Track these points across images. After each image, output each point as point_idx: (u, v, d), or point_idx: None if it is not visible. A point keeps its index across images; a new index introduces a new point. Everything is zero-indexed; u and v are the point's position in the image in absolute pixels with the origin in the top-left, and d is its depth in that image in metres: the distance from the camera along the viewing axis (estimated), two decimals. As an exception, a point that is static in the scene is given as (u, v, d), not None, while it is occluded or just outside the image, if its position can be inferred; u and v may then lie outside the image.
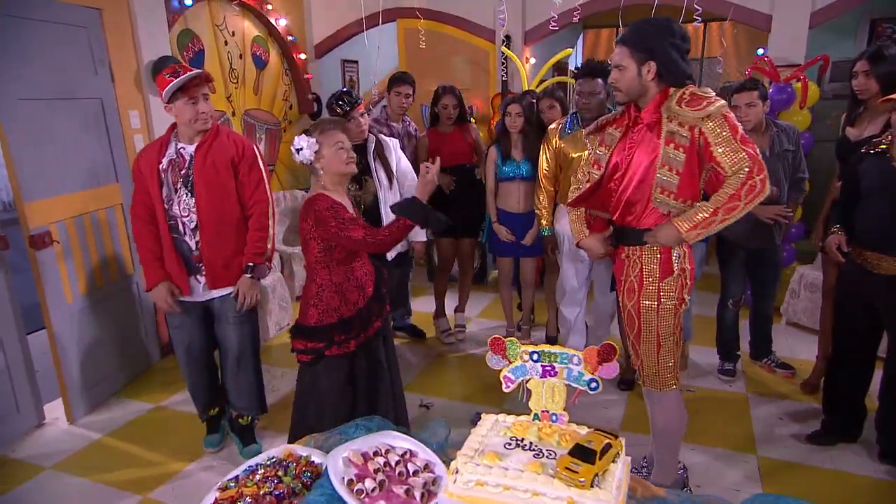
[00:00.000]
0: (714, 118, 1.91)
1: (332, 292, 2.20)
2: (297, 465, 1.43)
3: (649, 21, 2.03)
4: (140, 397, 3.38)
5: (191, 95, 2.34)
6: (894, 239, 2.44)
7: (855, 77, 2.79)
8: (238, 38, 4.95)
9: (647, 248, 2.06)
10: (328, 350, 2.20)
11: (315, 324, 2.20)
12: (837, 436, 2.76)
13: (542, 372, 1.21)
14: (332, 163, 2.19)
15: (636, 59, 1.98)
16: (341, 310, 2.21)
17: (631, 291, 2.10)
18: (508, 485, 1.09)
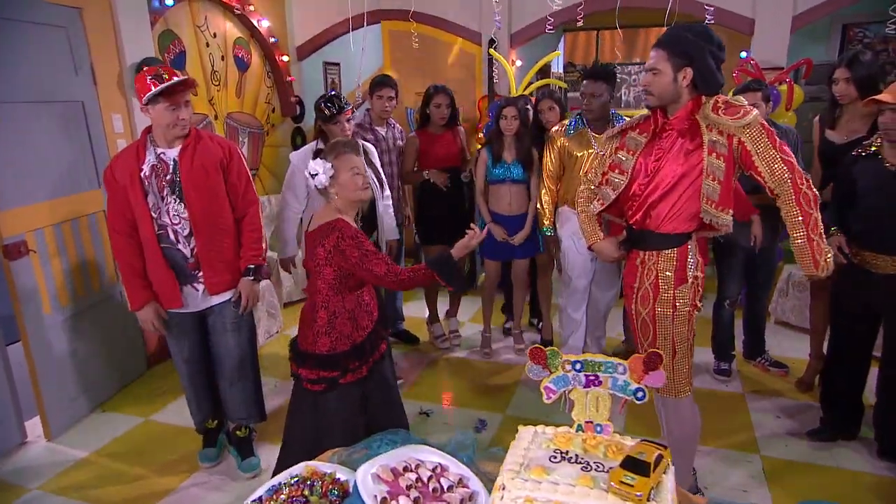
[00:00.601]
0: (753, 127, 1.92)
1: (346, 319, 2.11)
2: (322, 483, 1.38)
3: (688, 27, 2.01)
4: (126, 411, 3.26)
5: (173, 102, 2.24)
6: (891, 238, 2.48)
7: (835, 83, 2.86)
8: (220, 40, 4.84)
9: (664, 255, 2.05)
10: (343, 378, 2.11)
11: (328, 352, 2.10)
12: (837, 432, 2.81)
13: (585, 382, 1.18)
14: (347, 188, 2.10)
15: (673, 65, 1.95)
16: (353, 336, 2.12)
17: (645, 299, 2.09)
18: (560, 500, 1.05)
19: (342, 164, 2.08)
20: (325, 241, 2.04)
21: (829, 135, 2.97)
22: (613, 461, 1.13)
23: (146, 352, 3.70)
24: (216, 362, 2.57)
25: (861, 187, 2.57)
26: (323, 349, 2.10)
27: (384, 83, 3.72)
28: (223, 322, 2.49)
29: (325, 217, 2.11)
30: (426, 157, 3.68)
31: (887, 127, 2.42)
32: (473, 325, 4.32)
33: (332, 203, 2.12)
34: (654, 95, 2.02)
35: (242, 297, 2.47)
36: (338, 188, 2.09)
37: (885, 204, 2.48)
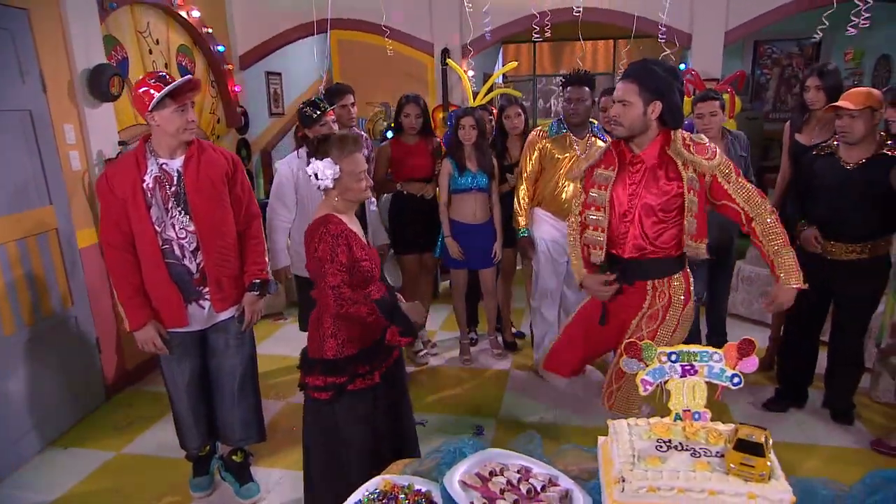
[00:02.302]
0: (724, 165, 2.08)
1: (353, 323, 2.01)
2: (407, 496, 1.34)
3: (657, 62, 2.10)
4: (92, 445, 3.00)
5: (181, 103, 2.12)
6: (846, 227, 2.75)
7: (807, 91, 3.13)
8: (163, 47, 4.59)
9: (677, 278, 2.14)
10: (351, 384, 2.01)
11: (334, 356, 2.00)
12: (790, 401, 3.15)
13: (681, 372, 1.23)
14: (351, 191, 2.03)
15: (643, 98, 2.01)
16: (363, 339, 2.04)
17: (653, 318, 2.15)
18: (683, 487, 1.09)
19: (348, 165, 1.99)
20: (315, 238, 1.95)
21: (798, 137, 3.24)
22: (717, 446, 1.18)
23: (104, 382, 3.41)
24: (217, 382, 2.42)
25: (820, 183, 2.83)
26: (329, 353, 2.00)
27: (343, 91, 3.66)
28: (226, 339, 2.37)
29: (320, 212, 2.04)
30: (399, 165, 3.65)
31: (843, 130, 2.69)
32: (444, 333, 4.33)
33: (330, 201, 2.05)
34: (623, 126, 2.06)
35: (247, 313, 2.36)
36: (340, 189, 2.01)
37: (840, 198, 2.75)
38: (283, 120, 6.60)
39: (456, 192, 3.53)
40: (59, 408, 3.10)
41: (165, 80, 2.09)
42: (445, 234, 3.56)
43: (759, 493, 1.06)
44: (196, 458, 2.57)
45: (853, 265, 2.78)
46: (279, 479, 2.68)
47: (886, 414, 3.06)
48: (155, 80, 2.09)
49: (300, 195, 3.05)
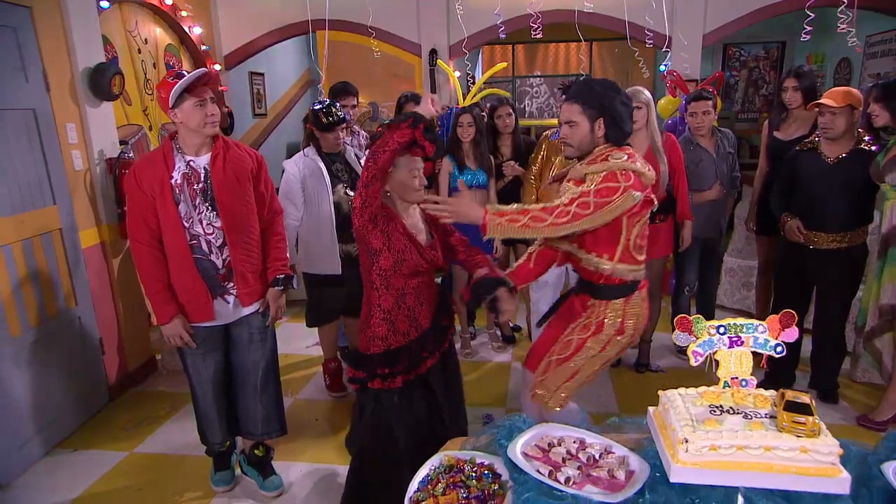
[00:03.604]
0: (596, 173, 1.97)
1: (381, 319, 2.02)
2: (472, 468, 1.42)
3: (595, 80, 2.12)
4: (102, 447, 2.97)
5: (198, 96, 2.15)
6: (827, 218, 2.95)
7: (785, 91, 3.34)
8: (151, 46, 4.55)
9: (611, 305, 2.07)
10: (370, 382, 2.02)
11: (362, 351, 2.05)
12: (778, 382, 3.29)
13: (729, 343, 1.34)
14: (405, 187, 2.00)
15: (588, 116, 2.01)
16: (389, 340, 2.02)
17: (585, 329, 2.10)
18: (742, 444, 1.20)
19: (404, 161, 1.98)
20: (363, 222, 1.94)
21: (777, 134, 3.45)
22: (765, 409, 1.31)
23: (107, 383, 3.37)
24: (240, 377, 2.45)
25: (802, 177, 3.02)
26: (360, 347, 2.07)
27: (346, 91, 3.71)
28: (250, 333, 2.40)
29: None
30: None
31: (825, 126, 2.88)
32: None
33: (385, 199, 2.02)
34: (573, 147, 2.07)
35: (271, 308, 2.40)
36: (394, 185, 2.00)
37: (822, 190, 2.94)
38: (266, 120, 6.59)
39: (456, 189, 3.61)
40: (64, 410, 3.06)
41: (182, 77, 2.12)
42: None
43: (811, 447, 1.18)
44: (217, 453, 2.58)
45: (834, 254, 2.97)
46: (300, 472, 2.72)
47: (867, 393, 3.28)
48: (173, 78, 2.12)
49: (307, 193, 3.09)
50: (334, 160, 3.14)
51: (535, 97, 9.60)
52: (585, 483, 1.33)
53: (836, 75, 6.50)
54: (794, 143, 3.19)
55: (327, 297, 3.24)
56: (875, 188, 2.87)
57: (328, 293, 3.23)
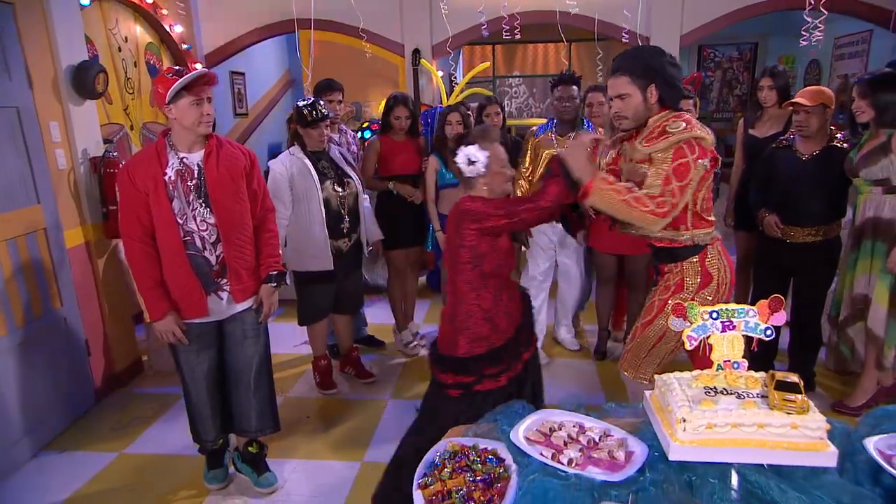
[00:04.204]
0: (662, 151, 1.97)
1: (481, 319, 1.99)
2: (477, 453, 1.46)
3: (639, 48, 2.11)
4: (90, 448, 2.94)
5: (196, 95, 2.16)
6: (803, 213, 3.05)
7: (760, 90, 3.45)
8: (131, 45, 4.51)
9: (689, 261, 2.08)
10: (479, 385, 1.97)
11: (464, 354, 1.99)
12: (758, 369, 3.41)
13: (722, 328, 1.40)
14: (497, 180, 2.02)
15: (638, 85, 1.99)
16: (491, 339, 2.00)
17: (666, 290, 2.13)
18: (736, 422, 1.26)
19: (496, 154, 2.00)
20: (460, 222, 1.95)
21: (752, 132, 3.56)
22: (756, 389, 1.37)
23: (93, 385, 3.34)
24: (233, 373, 2.46)
25: (778, 173, 3.13)
26: (459, 351, 2.00)
27: (331, 87, 3.73)
28: (243, 330, 2.41)
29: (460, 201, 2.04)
30: (387, 162, 3.74)
31: (800, 124, 2.99)
32: (428, 326, 4.43)
33: (476, 190, 2.04)
34: (628, 118, 2.04)
35: (265, 304, 2.42)
36: (489, 178, 2.01)
37: (797, 186, 3.05)
38: (247, 120, 6.55)
39: (444, 187, 3.65)
40: (51, 411, 3.02)
41: (181, 74, 2.13)
42: (436, 229, 3.68)
43: (801, 423, 1.25)
44: (210, 451, 2.58)
45: (810, 247, 3.08)
46: (293, 469, 2.73)
47: (840, 380, 3.40)
48: (172, 75, 2.13)
49: (296, 192, 3.10)
50: (319, 158, 3.16)
51: (515, 97, 9.70)
52: (587, 464, 1.38)
53: (807, 76, 6.72)
54: (769, 141, 3.30)
55: (317, 296, 3.26)
56: (848, 183, 2.99)
57: (318, 291, 3.24)
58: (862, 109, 2.79)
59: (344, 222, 3.20)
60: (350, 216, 3.22)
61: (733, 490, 1.29)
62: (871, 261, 2.85)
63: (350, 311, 3.54)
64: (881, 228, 2.80)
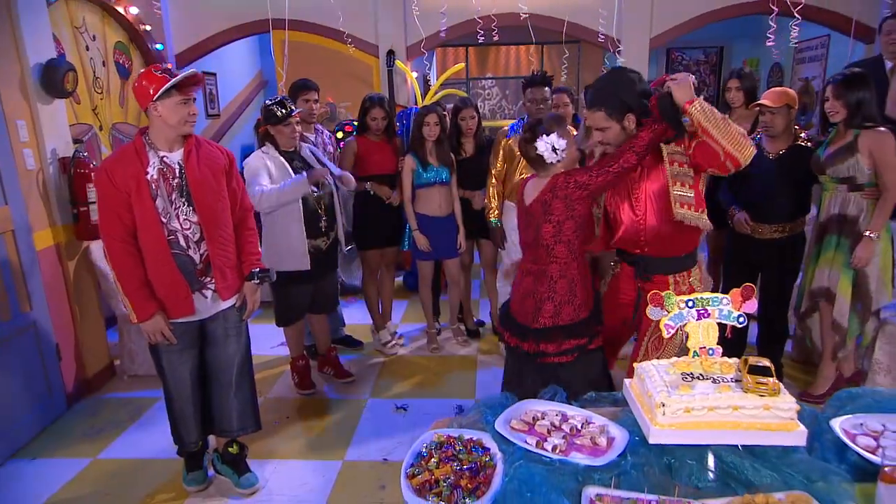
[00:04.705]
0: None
1: (582, 287, 2.19)
2: (463, 443, 1.49)
3: (608, 78, 2.18)
4: (62, 454, 2.87)
5: (185, 95, 2.16)
6: (771, 210, 3.16)
7: (728, 91, 3.56)
8: (99, 43, 4.42)
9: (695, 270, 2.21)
10: (591, 344, 2.19)
11: (571, 321, 2.16)
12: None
13: (697, 316, 1.46)
14: (571, 160, 2.20)
15: (615, 119, 2.09)
16: (589, 302, 2.22)
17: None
18: (712, 405, 1.32)
19: (571, 139, 2.19)
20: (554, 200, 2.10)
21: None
22: (730, 374, 1.43)
23: (64, 390, 3.26)
24: (215, 372, 2.44)
25: (747, 172, 3.22)
26: (566, 320, 2.16)
27: (307, 87, 3.72)
28: (225, 328, 2.40)
29: (541, 185, 2.18)
30: (364, 162, 3.74)
31: (766, 124, 3.10)
32: (405, 326, 4.45)
33: (551, 172, 2.17)
34: (611, 145, 2.15)
35: (248, 301, 2.42)
36: (568, 160, 2.18)
37: (765, 185, 3.15)
38: (218, 121, 6.46)
39: (420, 186, 3.67)
40: (20, 418, 2.95)
41: (171, 73, 2.14)
42: (413, 228, 3.70)
43: (772, 405, 1.31)
44: (189, 453, 2.55)
45: (777, 243, 3.19)
46: (274, 469, 2.72)
47: (805, 370, 3.52)
48: (161, 72, 2.13)
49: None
50: (292, 158, 3.16)
51: (488, 99, 9.78)
52: (571, 450, 1.42)
53: (770, 79, 6.93)
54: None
55: (294, 296, 3.25)
56: (812, 181, 3.10)
57: (295, 291, 3.23)
58: (836, 109, 2.83)
59: (321, 221, 3.20)
60: (327, 215, 3.22)
61: (710, 471, 1.34)
62: (834, 255, 2.97)
63: (326, 310, 3.53)
64: (846, 225, 2.91)
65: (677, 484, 1.31)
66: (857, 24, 4.81)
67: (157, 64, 2.25)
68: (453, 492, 1.31)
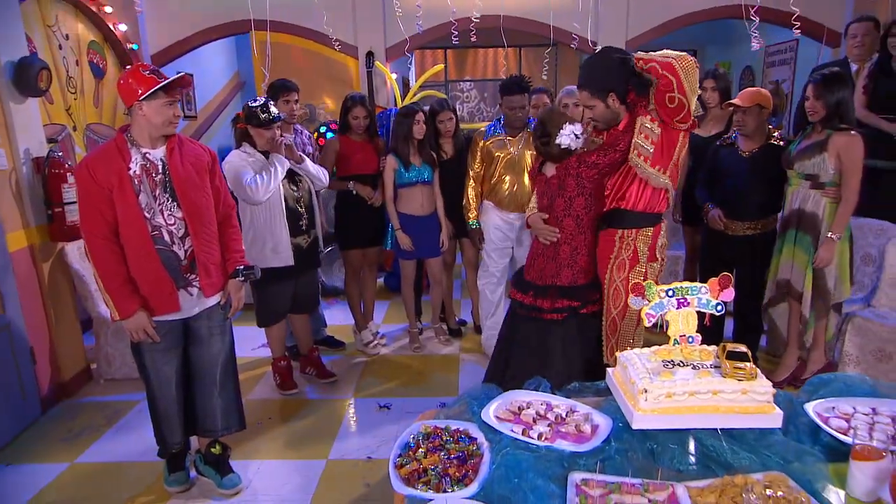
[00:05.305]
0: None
1: (587, 256, 2.42)
2: (450, 433, 1.50)
3: (594, 59, 2.32)
4: (38, 460, 2.81)
5: (171, 96, 2.17)
6: (744, 207, 3.24)
7: (704, 91, 3.64)
8: (73, 42, 4.36)
9: (642, 232, 2.36)
10: (583, 309, 2.38)
11: (568, 284, 2.41)
12: None
13: (677, 304, 1.50)
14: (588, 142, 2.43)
15: (599, 97, 2.27)
16: (590, 272, 2.44)
17: (622, 268, 2.35)
18: (693, 390, 1.35)
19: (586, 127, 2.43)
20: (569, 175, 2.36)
21: (697, 131, 3.74)
22: (709, 360, 1.47)
23: (39, 394, 3.20)
24: (199, 371, 2.42)
25: (722, 170, 3.31)
26: (564, 281, 2.42)
27: (286, 87, 3.70)
28: (209, 327, 2.39)
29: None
30: (346, 162, 3.75)
31: (739, 123, 3.18)
32: (386, 326, 4.45)
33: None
34: (600, 122, 2.36)
35: (232, 299, 2.42)
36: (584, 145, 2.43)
37: (738, 182, 3.24)
38: (195, 123, 6.40)
39: (402, 186, 3.69)
40: (-6, 424, 2.89)
41: (159, 74, 2.15)
42: (396, 227, 3.70)
43: (750, 388, 1.36)
44: (171, 454, 2.52)
45: (749, 239, 3.27)
46: (257, 470, 2.70)
47: (774, 362, 3.56)
48: (150, 73, 2.13)
49: None
50: (267, 156, 3.14)
51: (467, 101, 9.83)
52: (556, 438, 1.45)
53: (742, 81, 7.10)
54: (713, 140, 3.50)
55: (275, 295, 3.23)
56: (784, 181, 3.19)
57: (276, 291, 3.22)
58: (816, 109, 2.88)
59: (302, 219, 3.21)
60: (307, 213, 3.22)
61: (691, 455, 1.38)
62: (795, 249, 3.05)
63: (307, 310, 3.52)
64: (804, 220, 3.00)
65: (660, 468, 1.34)
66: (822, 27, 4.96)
67: (144, 63, 2.22)
68: (441, 480, 1.33)
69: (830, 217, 2.91)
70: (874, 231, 3.38)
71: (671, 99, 2.09)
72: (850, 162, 2.82)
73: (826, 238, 2.89)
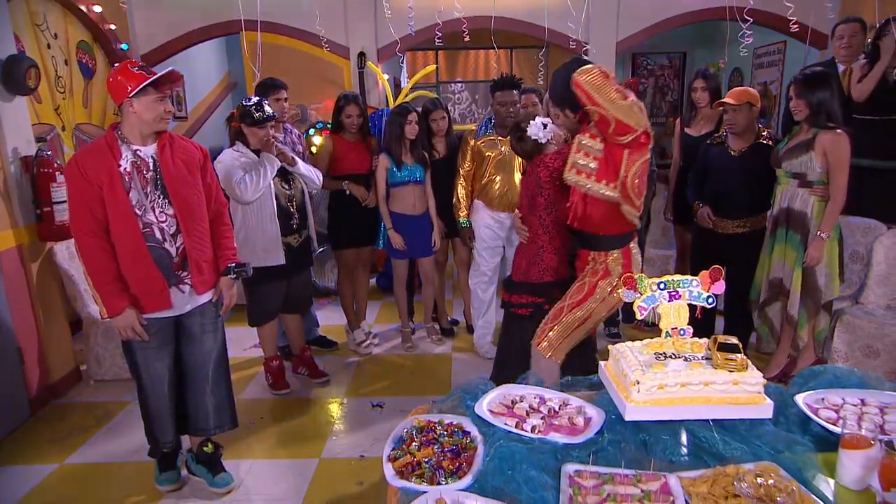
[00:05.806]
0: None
1: (553, 253, 2.54)
2: (443, 427, 1.50)
3: (558, 71, 2.29)
4: (27, 461, 2.78)
5: (162, 92, 2.16)
6: (733, 205, 3.27)
7: (695, 91, 3.67)
8: (62, 42, 4.33)
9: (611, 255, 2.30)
10: (547, 305, 2.43)
11: (536, 281, 2.55)
12: None
13: (669, 297, 1.51)
14: (558, 138, 2.55)
15: (559, 108, 2.42)
16: (559, 271, 2.55)
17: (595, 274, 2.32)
18: (684, 381, 1.36)
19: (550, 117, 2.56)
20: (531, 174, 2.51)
21: (687, 131, 3.77)
22: (700, 353, 1.48)
23: (27, 396, 3.16)
24: (192, 369, 2.41)
25: (712, 168, 3.34)
26: (532, 278, 2.56)
27: (276, 85, 3.68)
28: (202, 324, 2.37)
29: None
30: (339, 162, 3.74)
31: (729, 122, 3.21)
32: (379, 327, 4.44)
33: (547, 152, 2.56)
34: (566, 127, 2.49)
35: (224, 297, 2.40)
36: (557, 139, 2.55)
37: (728, 180, 3.27)
38: (186, 124, 6.37)
39: (394, 185, 3.69)
40: (-19, 426, 2.85)
41: (149, 70, 2.14)
42: (388, 227, 3.70)
43: (741, 379, 1.37)
44: (162, 453, 2.51)
45: (738, 237, 3.30)
46: (249, 469, 2.68)
47: (759, 359, 3.60)
48: (138, 69, 2.12)
49: None
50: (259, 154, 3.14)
51: (458, 103, 9.84)
52: (549, 430, 1.45)
53: (731, 83, 7.16)
54: (704, 139, 3.53)
55: (267, 294, 3.22)
56: (773, 180, 3.22)
57: (267, 290, 3.21)
58: (799, 108, 2.92)
59: (293, 219, 3.20)
60: (298, 213, 3.22)
61: (683, 446, 1.39)
62: (785, 248, 3.08)
63: (299, 310, 3.51)
64: (793, 219, 3.03)
65: (652, 458, 1.35)
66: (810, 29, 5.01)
67: (132, 60, 2.21)
68: (435, 473, 1.33)
69: (819, 215, 2.93)
70: (862, 229, 3.42)
71: (591, 112, 2.10)
72: (837, 160, 2.85)
73: (816, 237, 2.92)
